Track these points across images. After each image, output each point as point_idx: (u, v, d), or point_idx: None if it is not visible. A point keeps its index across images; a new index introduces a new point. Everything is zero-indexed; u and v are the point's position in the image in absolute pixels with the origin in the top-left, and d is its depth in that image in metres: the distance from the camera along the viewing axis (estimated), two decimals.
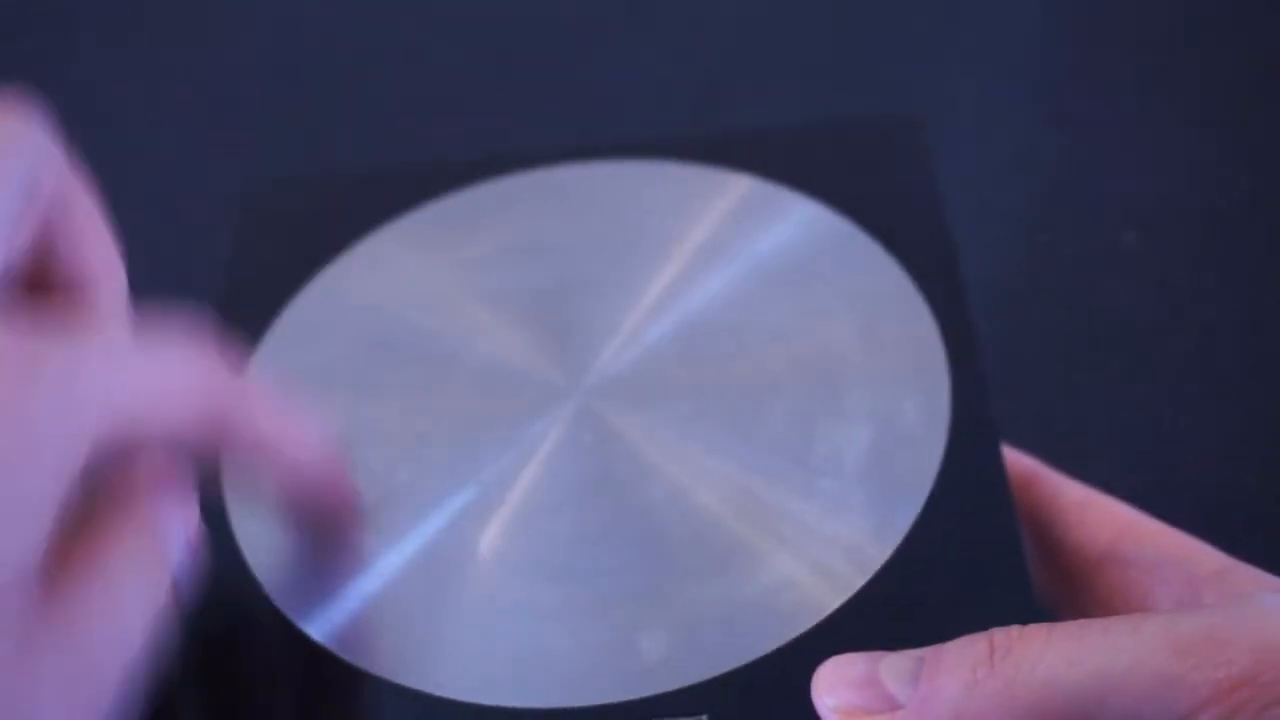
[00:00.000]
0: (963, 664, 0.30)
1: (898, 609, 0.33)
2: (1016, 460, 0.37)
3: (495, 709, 0.32)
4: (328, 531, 0.35)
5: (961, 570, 0.33)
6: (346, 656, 0.34)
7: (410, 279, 0.41)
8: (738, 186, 0.42)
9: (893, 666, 0.31)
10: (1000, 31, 0.63)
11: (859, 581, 0.33)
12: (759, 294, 0.39)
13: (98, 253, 0.31)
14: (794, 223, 0.41)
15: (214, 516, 0.36)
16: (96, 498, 0.29)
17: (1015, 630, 0.30)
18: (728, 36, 0.66)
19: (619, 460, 0.36)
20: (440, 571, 0.35)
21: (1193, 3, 0.62)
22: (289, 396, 0.33)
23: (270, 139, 0.65)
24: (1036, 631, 0.30)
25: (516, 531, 0.35)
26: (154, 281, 0.35)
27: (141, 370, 0.28)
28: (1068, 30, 0.63)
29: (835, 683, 0.31)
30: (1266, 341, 0.50)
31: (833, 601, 0.33)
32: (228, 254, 0.41)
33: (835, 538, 0.34)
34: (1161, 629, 0.29)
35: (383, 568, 0.35)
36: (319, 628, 0.34)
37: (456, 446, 0.37)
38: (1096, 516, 0.37)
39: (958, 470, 0.35)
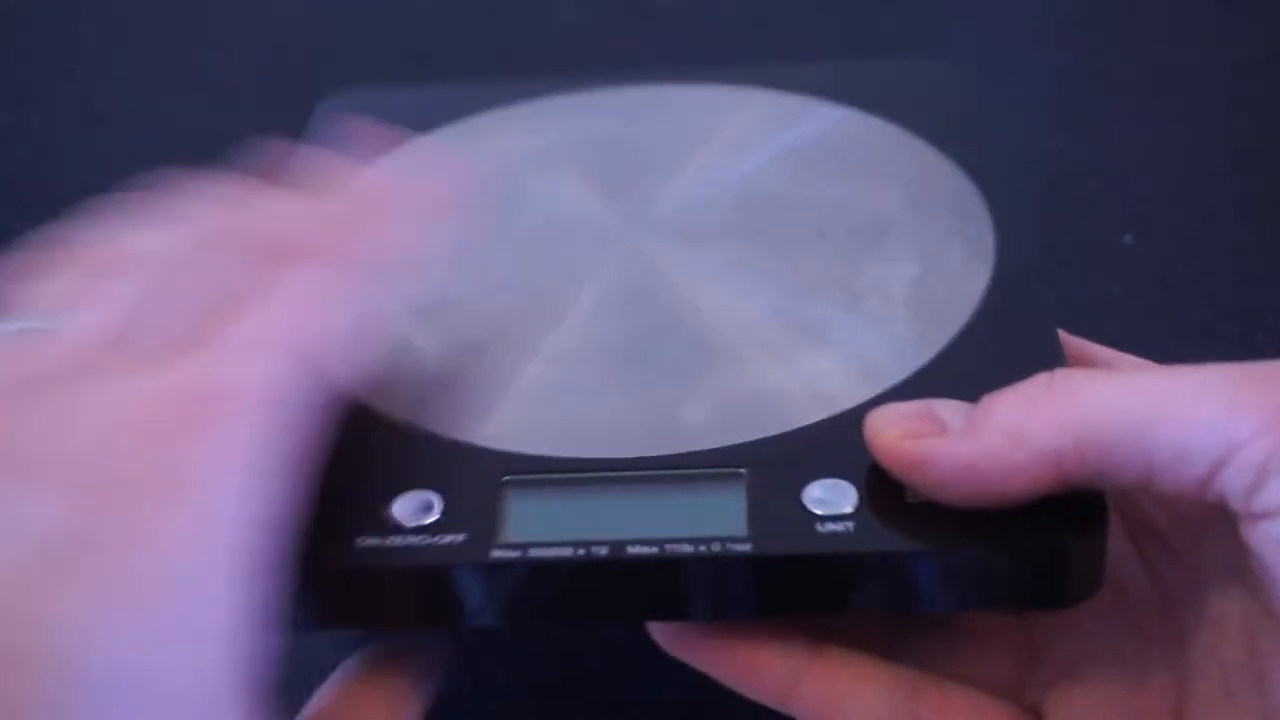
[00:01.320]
0: (1020, 391, 0.30)
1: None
2: None
3: (539, 457, 0.33)
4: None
5: (1003, 370, 0.32)
6: (412, 419, 0.34)
7: (496, 152, 0.43)
8: (786, 101, 0.44)
9: (947, 403, 0.31)
10: (1000, 31, 0.63)
11: (899, 376, 0.34)
12: (809, 165, 0.42)
13: None
14: (840, 120, 0.43)
15: None
16: None
17: (1077, 368, 0.30)
18: (728, 38, 0.66)
19: (670, 288, 0.38)
20: (500, 356, 0.36)
21: (1193, 3, 0.62)
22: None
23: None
24: (1098, 370, 0.30)
25: (570, 330, 0.37)
26: None
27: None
28: (1068, 30, 0.63)
29: (888, 415, 0.31)
30: (1266, 342, 0.50)
31: (872, 390, 0.34)
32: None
33: (878, 341, 0.35)
34: (1225, 369, 0.28)
35: (437, 348, 0.36)
36: (388, 402, 0.34)
37: (520, 269, 0.39)
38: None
39: (1002, 296, 0.36)
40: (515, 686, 0.42)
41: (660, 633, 0.33)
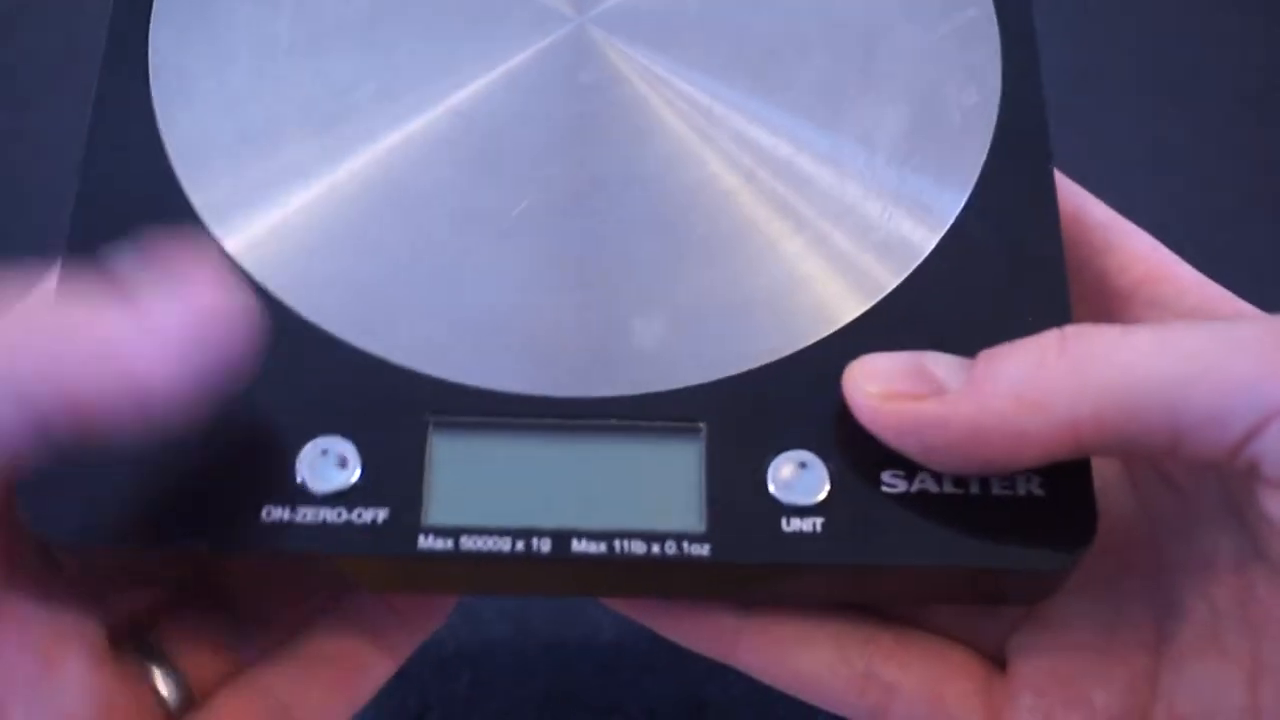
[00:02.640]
0: (1028, 349, 0.26)
1: (925, 324, 0.29)
2: None
3: (457, 386, 0.28)
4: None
5: (996, 289, 0.29)
6: (290, 303, 0.29)
7: None
8: None
9: (941, 357, 0.27)
10: None
11: (884, 289, 0.30)
12: None
13: None
14: None
15: (138, 119, 0.31)
16: None
17: (1090, 324, 0.27)
18: None
19: (620, 105, 0.31)
20: (405, 213, 0.30)
21: (1193, 3, 0.62)
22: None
23: None
24: (1113, 325, 0.26)
25: (495, 176, 0.30)
26: None
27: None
28: (1068, 30, 0.63)
29: (873, 371, 0.28)
30: None
31: (853, 310, 0.29)
32: None
33: (863, 232, 0.30)
34: (1262, 322, 0.26)
35: (336, 204, 0.30)
36: (262, 268, 0.29)
37: (432, 64, 0.32)
38: (1128, 246, 0.33)
39: (1002, 173, 0.31)
40: (515, 688, 0.42)
41: None
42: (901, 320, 0.29)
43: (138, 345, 0.24)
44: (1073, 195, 0.33)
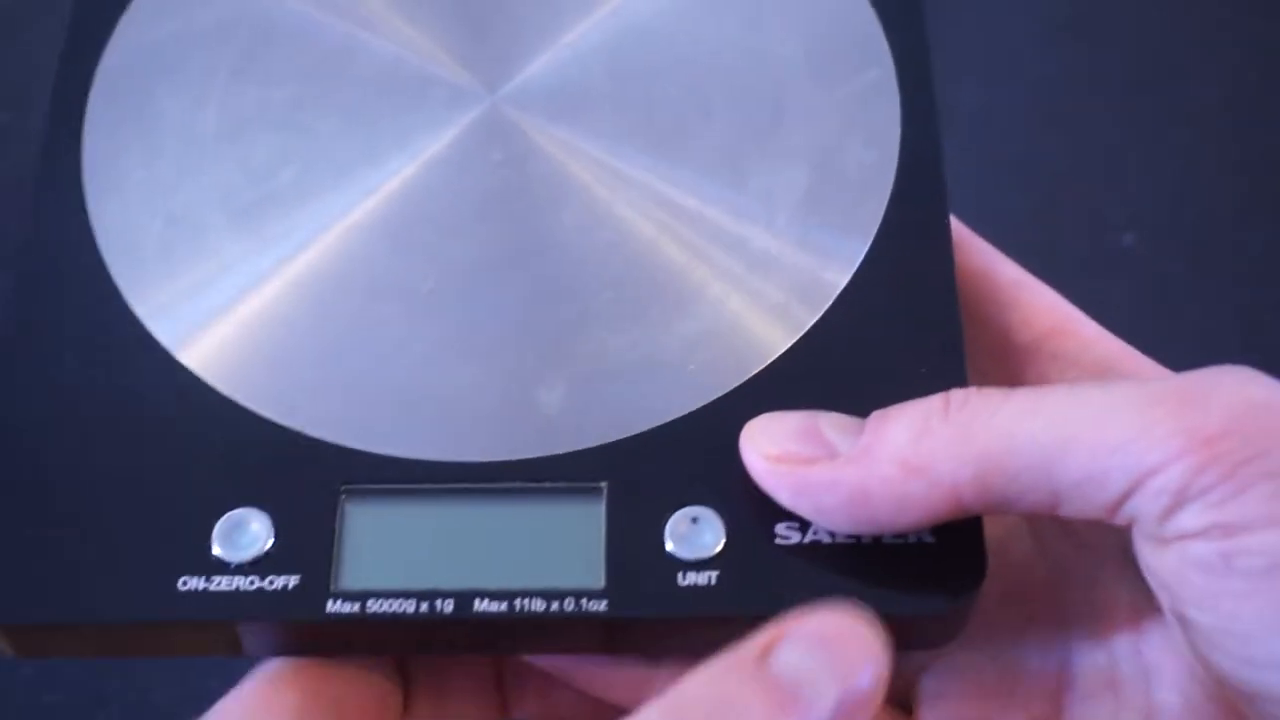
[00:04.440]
0: (913, 414, 0.27)
1: (821, 381, 0.30)
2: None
3: (368, 455, 0.29)
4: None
5: (892, 345, 0.30)
6: (207, 378, 0.30)
7: None
8: None
9: (834, 419, 0.28)
10: (1000, 31, 0.63)
11: (781, 346, 0.30)
12: (704, 4, 0.35)
13: None
14: None
15: (69, 201, 0.33)
16: None
17: (974, 388, 0.28)
18: None
19: (530, 178, 0.32)
20: (319, 291, 0.31)
21: (1193, 3, 0.62)
22: None
23: None
24: (996, 389, 0.27)
25: (408, 251, 0.32)
26: None
27: None
28: (1067, 30, 0.63)
29: (769, 433, 0.28)
30: (1267, 343, 0.50)
31: (751, 367, 0.30)
32: None
33: (760, 291, 0.31)
34: (1133, 385, 0.27)
35: (254, 281, 0.31)
36: (179, 344, 0.31)
37: (347, 146, 0.33)
38: (1033, 301, 0.33)
39: (899, 229, 0.32)
40: None
41: None
42: (797, 379, 0.30)
43: None
44: (982, 254, 0.34)
